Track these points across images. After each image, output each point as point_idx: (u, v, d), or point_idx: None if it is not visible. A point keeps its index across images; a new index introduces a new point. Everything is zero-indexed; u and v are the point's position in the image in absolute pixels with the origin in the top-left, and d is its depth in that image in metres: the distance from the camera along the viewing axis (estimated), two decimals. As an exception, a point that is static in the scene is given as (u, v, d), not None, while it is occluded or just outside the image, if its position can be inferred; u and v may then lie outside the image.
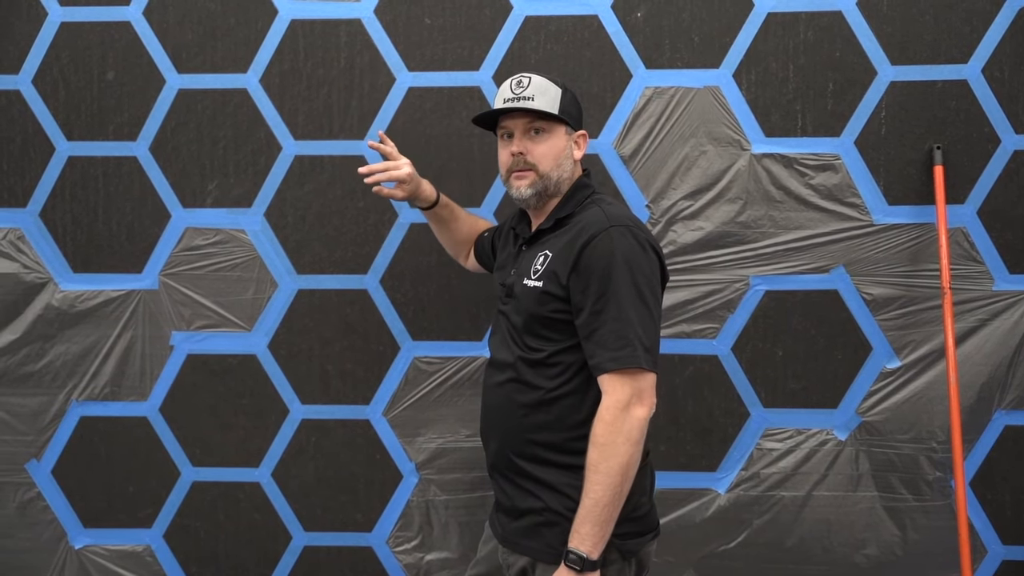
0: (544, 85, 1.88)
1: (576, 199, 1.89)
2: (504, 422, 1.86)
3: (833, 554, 2.45)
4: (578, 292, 1.75)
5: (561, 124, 1.88)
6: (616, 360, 1.70)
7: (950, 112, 2.37)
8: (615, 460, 1.68)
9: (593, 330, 1.73)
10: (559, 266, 1.78)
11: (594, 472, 1.69)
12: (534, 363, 1.82)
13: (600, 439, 1.70)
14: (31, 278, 2.49)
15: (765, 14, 2.38)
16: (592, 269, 1.73)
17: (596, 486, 1.69)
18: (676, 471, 2.46)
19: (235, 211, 2.48)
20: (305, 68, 2.44)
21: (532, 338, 1.82)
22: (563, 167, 1.88)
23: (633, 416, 1.70)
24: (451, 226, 2.26)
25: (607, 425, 1.70)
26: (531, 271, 1.84)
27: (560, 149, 1.88)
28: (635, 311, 1.71)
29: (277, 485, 2.52)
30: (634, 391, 1.70)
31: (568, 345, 1.79)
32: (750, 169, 2.40)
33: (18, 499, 2.54)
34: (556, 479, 1.79)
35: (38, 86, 2.47)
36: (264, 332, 2.49)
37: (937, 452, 2.41)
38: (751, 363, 2.44)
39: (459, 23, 2.42)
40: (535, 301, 1.81)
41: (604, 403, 1.72)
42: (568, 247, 1.78)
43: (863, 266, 2.40)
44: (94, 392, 2.51)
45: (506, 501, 1.88)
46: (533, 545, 1.82)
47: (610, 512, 1.70)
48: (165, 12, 2.44)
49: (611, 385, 1.72)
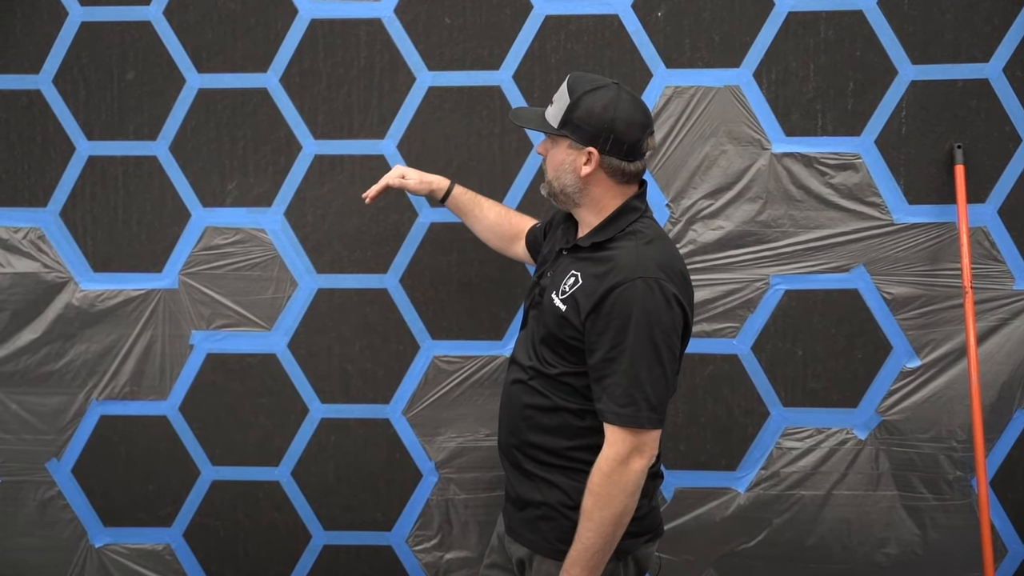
0: (562, 92, 1.84)
1: (617, 224, 1.83)
2: (512, 419, 1.91)
3: (853, 553, 2.45)
4: (594, 334, 1.75)
5: (562, 137, 1.82)
6: (619, 416, 1.72)
7: (971, 111, 2.36)
8: (609, 511, 1.73)
9: (603, 376, 1.75)
10: (583, 299, 1.77)
11: (588, 519, 1.74)
12: (545, 376, 1.85)
13: (596, 488, 1.74)
14: (51, 277, 2.50)
15: (786, 13, 2.37)
16: (612, 317, 1.73)
17: (588, 532, 1.74)
18: (695, 470, 2.46)
19: (255, 210, 2.48)
20: (325, 67, 2.44)
21: (548, 352, 1.85)
22: (563, 179, 1.84)
23: (631, 469, 1.73)
24: (475, 214, 2.26)
25: (604, 476, 1.73)
26: (560, 288, 1.83)
27: (559, 161, 1.84)
28: (647, 370, 1.72)
29: (297, 484, 2.53)
30: (634, 446, 1.73)
31: (579, 370, 1.81)
32: (770, 168, 2.40)
33: (38, 498, 2.55)
34: (555, 478, 1.84)
35: (58, 86, 2.47)
36: (284, 331, 2.49)
37: (957, 451, 2.41)
38: (771, 362, 2.44)
39: (479, 22, 2.42)
40: (555, 322, 1.82)
41: (604, 453, 1.75)
42: (595, 282, 1.77)
43: (883, 265, 2.39)
44: (114, 391, 2.52)
45: (511, 491, 1.94)
46: (532, 537, 1.87)
47: (600, 557, 1.75)
48: (185, 12, 2.44)
49: (612, 436, 1.75)
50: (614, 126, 1.78)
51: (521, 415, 1.88)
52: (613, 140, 1.78)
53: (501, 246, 2.29)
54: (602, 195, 1.84)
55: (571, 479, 1.82)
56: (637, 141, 1.80)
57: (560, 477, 1.83)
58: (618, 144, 1.79)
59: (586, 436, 1.81)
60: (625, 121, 1.78)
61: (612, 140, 1.78)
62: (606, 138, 1.78)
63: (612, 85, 1.82)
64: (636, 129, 1.80)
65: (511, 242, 2.27)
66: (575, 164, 1.82)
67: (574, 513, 1.79)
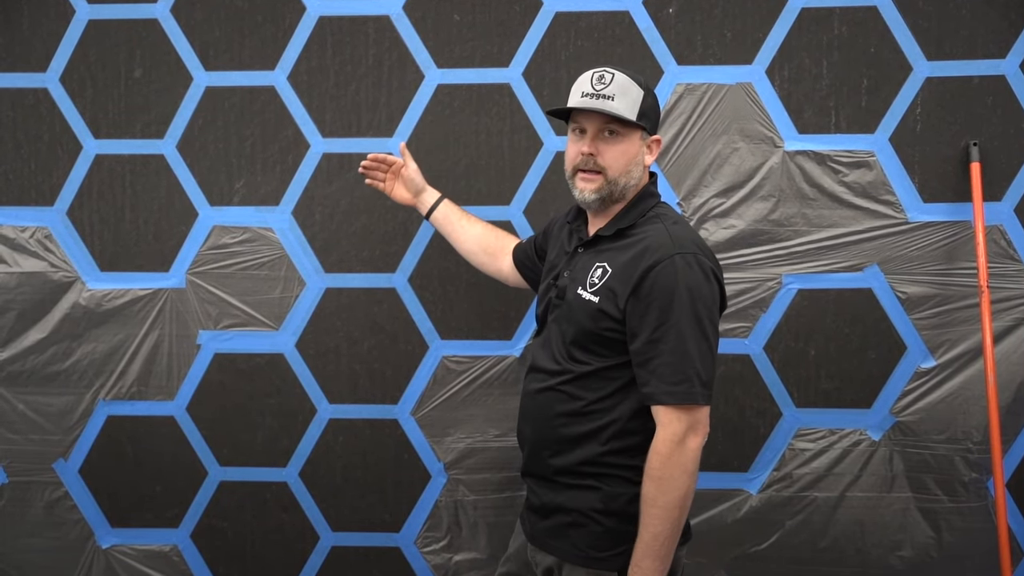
0: (626, 85, 1.80)
1: (639, 208, 1.83)
2: (541, 429, 1.85)
3: (867, 556, 2.42)
4: (636, 317, 1.72)
5: (638, 129, 1.82)
6: (672, 395, 1.69)
7: (987, 108, 2.33)
8: (674, 494, 1.69)
9: (649, 358, 1.71)
10: (618, 285, 1.75)
11: (652, 506, 1.69)
12: (579, 376, 1.80)
13: (657, 472, 1.69)
14: (58, 277, 2.49)
15: (799, 9, 2.35)
16: (653, 296, 1.70)
17: (655, 520, 1.69)
18: (708, 471, 2.43)
19: (263, 209, 2.46)
20: (333, 65, 2.42)
21: (580, 351, 1.81)
22: (632, 174, 1.83)
23: (689, 448, 1.70)
24: (463, 224, 2.25)
25: (664, 459, 1.69)
26: (587, 282, 1.80)
27: (633, 155, 1.82)
28: (695, 344, 1.69)
29: (305, 485, 2.51)
30: (690, 424, 1.70)
31: (616, 362, 1.77)
32: (783, 166, 2.37)
33: (45, 498, 2.53)
34: (586, 483, 1.80)
35: (66, 84, 2.46)
36: (292, 331, 2.48)
37: (973, 453, 2.38)
38: (783, 362, 2.41)
39: (488, 19, 2.40)
40: (588, 316, 1.78)
41: (660, 435, 1.71)
42: (629, 267, 1.75)
43: (897, 264, 2.36)
44: (121, 391, 2.50)
45: (536, 501, 1.89)
46: (560, 545, 1.83)
47: (670, 545, 1.70)
48: (192, 9, 2.43)
49: (667, 417, 1.71)
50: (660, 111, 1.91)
51: (552, 424, 1.83)
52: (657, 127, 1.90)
53: (485, 260, 2.26)
54: (639, 184, 1.86)
55: (603, 484, 1.78)
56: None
57: (591, 482, 1.79)
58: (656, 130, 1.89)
59: (618, 439, 1.78)
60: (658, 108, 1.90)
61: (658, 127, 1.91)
62: (658, 124, 1.90)
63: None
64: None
65: (495, 257, 2.25)
66: (644, 156, 1.85)
67: (606, 519, 1.77)
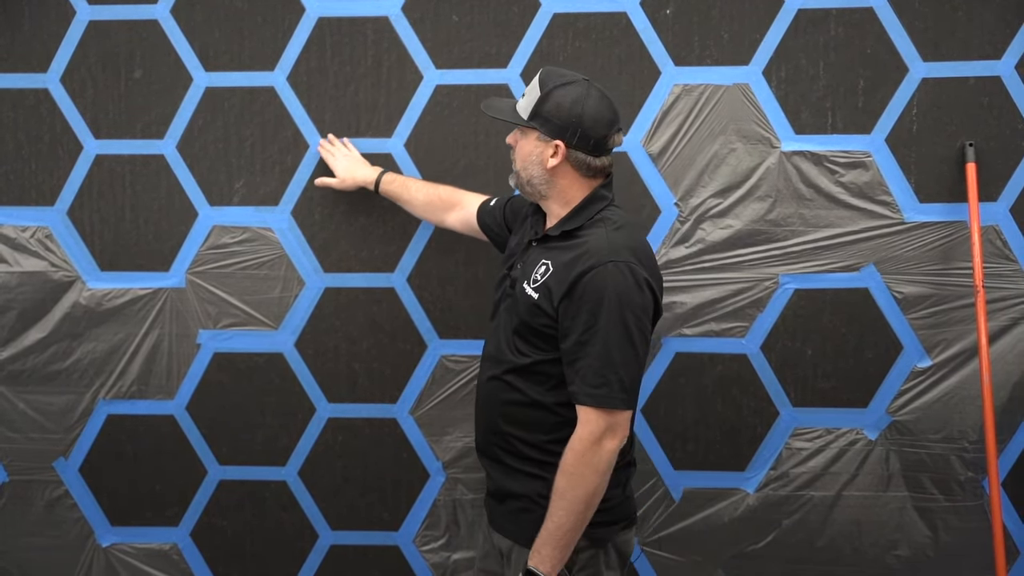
0: (534, 86, 1.88)
1: (586, 213, 1.88)
2: (490, 415, 1.95)
3: (863, 555, 2.43)
4: (568, 318, 1.80)
5: (531, 129, 1.87)
6: (592, 397, 1.77)
7: (983, 109, 2.34)
8: (581, 490, 1.77)
9: (576, 359, 1.79)
10: (555, 285, 1.82)
11: (560, 498, 1.78)
12: (519, 368, 1.89)
13: (569, 468, 1.78)
14: (59, 276, 2.50)
15: (795, 10, 2.36)
16: (584, 300, 1.78)
17: (560, 511, 1.78)
18: (704, 470, 2.45)
19: (262, 209, 2.47)
20: (332, 66, 2.44)
21: (521, 342, 1.89)
22: (530, 171, 1.88)
23: (604, 449, 1.77)
24: (404, 198, 2.33)
25: (577, 456, 1.78)
26: (532, 277, 1.88)
27: (527, 152, 1.88)
28: (619, 351, 1.77)
29: (304, 484, 2.52)
30: (608, 426, 1.77)
31: (553, 357, 1.85)
32: (780, 167, 2.38)
33: (46, 497, 2.55)
34: (533, 470, 1.89)
35: (66, 85, 2.47)
36: (291, 330, 2.49)
37: (969, 452, 2.39)
38: (780, 362, 2.42)
39: (487, 20, 2.41)
40: (527, 311, 1.86)
41: (577, 433, 1.79)
42: (566, 268, 1.82)
43: (894, 264, 2.38)
44: (121, 390, 2.51)
45: (491, 485, 2.00)
46: (512, 529, 1.93)
47: (571, 536, 1.79)
48: (192, 10, 2.44)
49: (586, 416, 1.79)
50: (582, 121, 1.82)
51: (499, 412, 1.92)
52: (580, 134, 1.83)
53: (436, 220, 2.35)
54: (568, 187, 1.88)
55: (547, 471, 1.85)
56: (604, 137, 1.85)
57: (538, 470, 1.87)
58: (585, 139, 1.83)
59: (562, 429, 1.84)
60: (593, 117, 1.83)
61: (579, 134, 1.83)
62: (573, 132, 1.83)
63: (583, 81, 1.87)
64: (603, 125, 1.84)
65: (444, 212, 2.32)
66: (542, 156, 1.86)
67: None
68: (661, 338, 2.42)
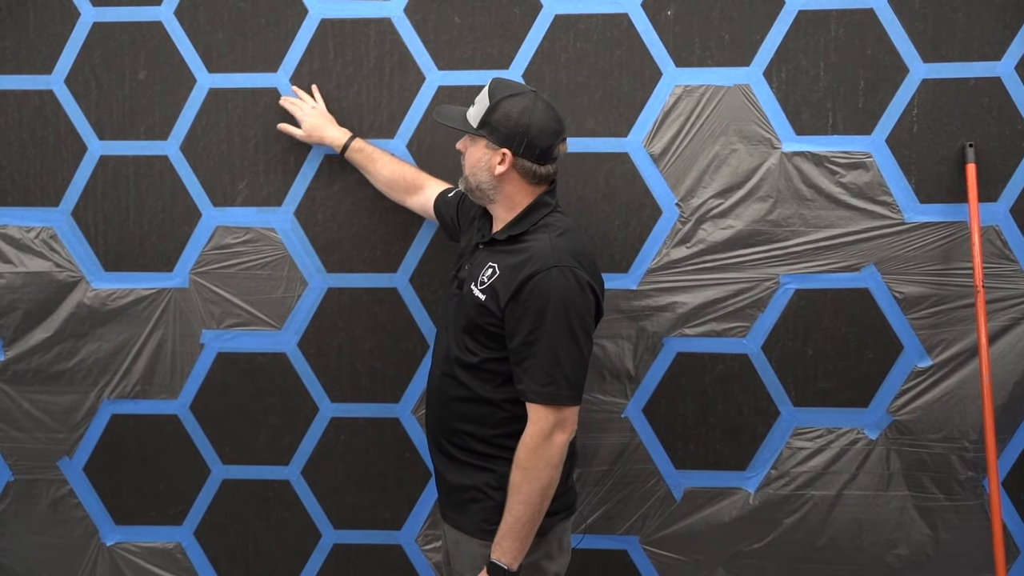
0: (483, 96, 1.95)
1: (531, 218, 1.96)
2: (439, 410, 2.04)
3: (864, 554, 2.44)
4: (513, 319, 1.88)
5: (479, 136, 1.94)
6: (541, 395, 1.86)
7: (983, 109, 2.35)
8: (536, 483, 1.86)
9: (523, 358, 1.88)
10: (501, 287, 1.90)
11: (516, 493, 1.87)
12: (466, 365, 1.96)
13: (523, 463, 1.87)
14: (63, 277, 2.51)
15: (796, 12, 2.37)
16: (530, 304, 1.86)
17: (518, 505, 1.87)
18: (705, 470, 2.46)
19: (265, 210, 2.49)
20: (335, 67, 2.45)
21: (470, 340, 1.96)
22: (478, 176, 1.96)
23: (554, 443, 1.87)
24: (368, 169, 2.36)
25: (530, 452, 1.87)
26: (479, 279, 1.95)
27: (476, 159, 1.96)
28: (564, 351, 1.86)
29: (307, 483, 2.53)
30: (557, 421, 1.87)
31: (499, 356, 1.93)
32: (780, 167, 2.39)
33: (50, 496, 2.56)
34: (480, 463, 1.97)
35: (71, 86, 2.48)
36: (294, 330, 2.50)
37: (969, 451, 2.40)
38: (781, 362, 2.43)
39: (489, 22, 2.42)
40: (475, 311, 1.94)
41: (529, 430, 1.88)
42: (512, 272, 1.90)
43: (894, 264, 2.38)
44: (125, 390, 2.53)
45: (439, 478, 2.08)
46: (459, 519, 2.01)
47: (530, 528, 1.88)
48: (196, 12, 2.45)
49: (536, 414, 1.88)
50: (528, 131, 1.90)
51: (448, 408, 2.00)
52: (527, 144, 1.91)
53: (397, 199, 2.38)
54: (514, 193, 1.96)
55: (495, 464, 1.95)
56: (549, 146, 1.93)
57: (486, 462, 1.96)
58: (531, 148, 1.91)
59: (508, 424, 1.94)
60: (539, 127, 1.91)
61: (526, 144, 1.91)
62: (520, 141, 1.91)
63: (530, 93, 1.95)
64: (549, 135, 1.93)
65: (406, 194, 2.35)
66: (490, 163, 1.94)
67: (498, 494, 1.94)
68: (662, 338, 2.43)
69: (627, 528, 2.47)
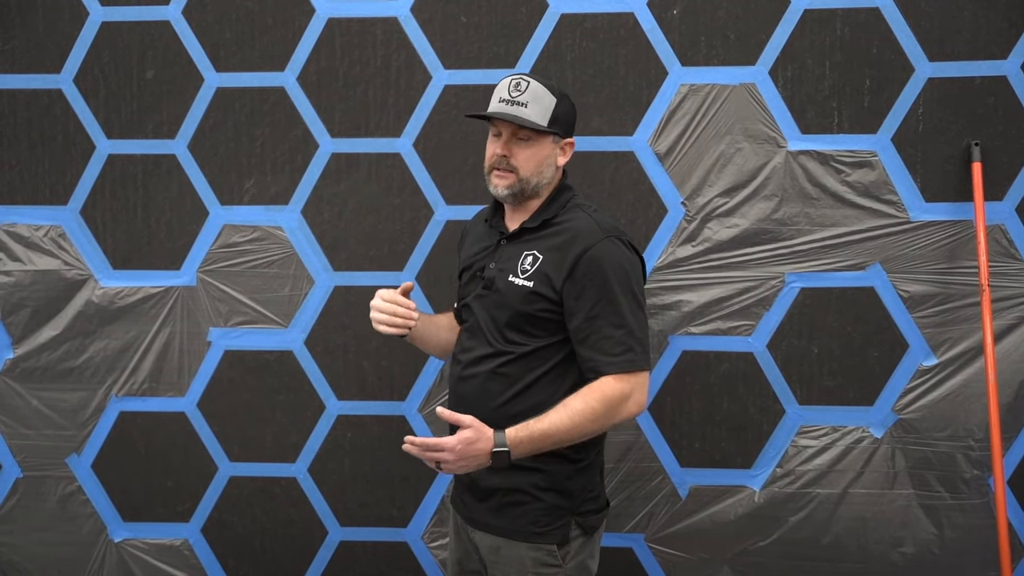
0: (540, 93, 1.91)
1: (559, 201, 1.97)
2: (481, 413, 1.87)
3: (869, 552, 2.44)
4: (572, 298, 1.87)
5: (549, 134, 1.93)
6: (616, 364, 1.84)
7: (988, 108, 2.35)
8: (588, 423, 1.82)
9: (588, 335, 1.86)
10: (552, 270, 1.89)
11: (567, 410, 1.82)
12: (517, 356, 1.91)
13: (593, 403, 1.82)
14: (72, 275, 2.53)
15: (801, 11, 2.37)
16: (589, 278, 1.86)
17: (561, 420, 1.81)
18: (711, 468, 2.46)
19: (272, 208, 2.50)
20: (342, 66, 2.46)
21: (515, 333, 1.91)
22: (544, 174, 1.95)
23: (627, 409, 1.86)
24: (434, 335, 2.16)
25: (606, 399, 1.83)
26: (518, 269, 1.92)
27: (543, 157, 1.94)
28: (632, 315, 1.87)
29: (313, 480, 2.54)
30: (633, 386, 1.86)
31: (551, 342, 1.90)
32: (786, 166, 2.39)
33: (59, 493, 2.58)
34: (527, 463, 1.86)
35: (79, 85, 2.50)
36: (301, 328, 2.51)
37: (974, 450, 2.40)
38: (786, 360, 2.43)
39: (495, 21, 2.43)
40: (522, 300, 1.90)
41: (614, 385, 1.84)
42: (559, 252, 1.89)
43: (900, 263, 2.39)
44: (133, 387, 2.54)
45: (467, 480, 1.96)
46: (500, 524, 1.92)
47: (551, 444, 1.82)
48: (204, 11, 2.47)
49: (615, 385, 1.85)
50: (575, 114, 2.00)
51: (491, 406, 1.90)
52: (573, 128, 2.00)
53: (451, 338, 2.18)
54: (555, 180, 1.99)
55: (543, 465, 1.88)
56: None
57: (532, 462, 1.86)
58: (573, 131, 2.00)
59: None
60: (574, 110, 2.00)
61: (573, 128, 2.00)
62: (573, 128, 2.00)
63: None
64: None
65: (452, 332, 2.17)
66: (556, 158, 1.96)
67: (545, 495, 1.89)
68: (668, 336, 2.43)
69: (632, 526, 2.48)
